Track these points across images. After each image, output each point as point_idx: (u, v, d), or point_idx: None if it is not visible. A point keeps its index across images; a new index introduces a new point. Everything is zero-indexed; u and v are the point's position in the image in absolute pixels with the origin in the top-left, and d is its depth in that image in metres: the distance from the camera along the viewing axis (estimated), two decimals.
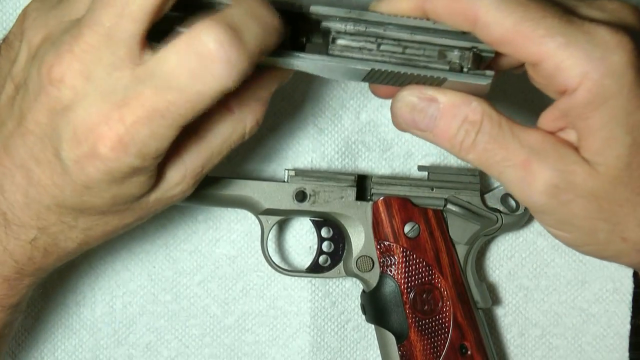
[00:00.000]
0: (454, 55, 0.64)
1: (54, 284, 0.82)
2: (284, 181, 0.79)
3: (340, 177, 0.79)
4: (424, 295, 0.78)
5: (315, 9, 0.63)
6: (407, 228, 0.78)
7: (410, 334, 0.78)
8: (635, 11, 0.64)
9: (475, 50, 0.63)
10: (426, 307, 0.78)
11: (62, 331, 0.83)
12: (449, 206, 0.79)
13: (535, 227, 0.84)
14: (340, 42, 0.64)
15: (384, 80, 0.64)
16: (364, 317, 0.81)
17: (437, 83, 0.63)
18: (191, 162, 0.63)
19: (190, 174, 0.64)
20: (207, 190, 0.78)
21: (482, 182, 0.82)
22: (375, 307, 0.79)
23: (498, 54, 0.63)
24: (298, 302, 0.83)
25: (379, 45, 0.64)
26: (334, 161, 0.82)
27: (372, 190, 0.79)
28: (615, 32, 0.60)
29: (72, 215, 0.63)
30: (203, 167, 0.64)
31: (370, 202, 0.79)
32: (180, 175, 0.63)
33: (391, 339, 0.78)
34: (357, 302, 0.83)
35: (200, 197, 0.78)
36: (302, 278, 0.83)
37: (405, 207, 0.79)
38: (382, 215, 0.78)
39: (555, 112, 0.62)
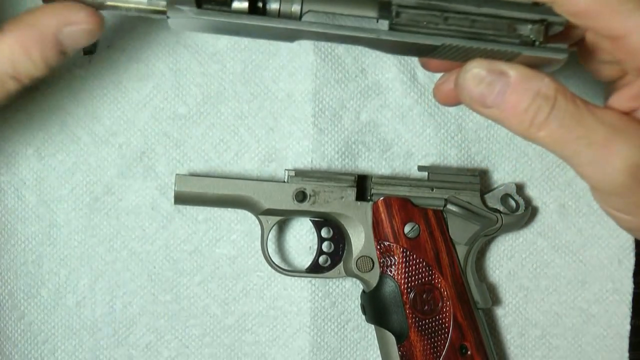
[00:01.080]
0: (525, 29, 0.61)
1: (54, 284, 0.82)
2: (284, 181, 0.79)
3: (340, 178, 0.79)
4: (424, 296, 0.78)
5: None
6: (407, 228, 0.78)
7: (410, 334, 0.78)
8: None
9: (546, 22, 0.60)
10: (426, 307, 0.78)
11: (62, 331, 0.83)
12: (449, 206, 0.79)
13: (535, 227, 0.84)
14: (404, 15, 0.61)
15: (449, 56, 0.61)
16: (364, 317, 0.81)
17: (508, 58, 0.60)
18: None
19: None
20: (207, 190, 0.78)
21: (482, 182, 0.82)
22: (375, 307, 0.79)
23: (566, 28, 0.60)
24: (298, 303, 0.83)
25: (445, 19, 0.61)
26: (334, 161, 0.82)
27: (372, 191, 0.79)
28: None
29: None
30: None
31: (370, 203, 0.79)
32: None
33: (391, 339, 0.78)
34: (357, 302, 0.83)
35: (200, 197, 0.78)
36: (302, 278, 0.83)
37: (405, 208, 0.79)
38: (382, 215, 0.78)
39: (634, 90, 0.59)
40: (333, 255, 0.81)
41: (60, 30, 0.62)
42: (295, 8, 0.62)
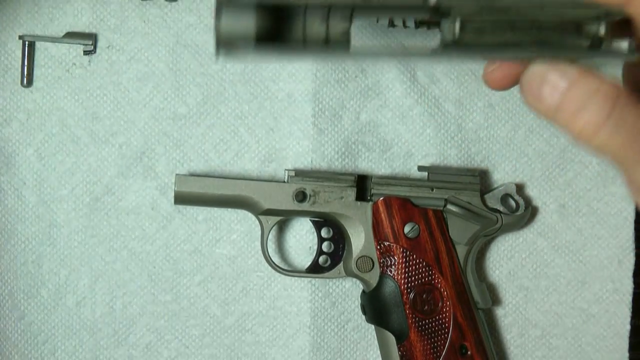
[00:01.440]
0: (591, 28, 0.58)
1: (54, 284, 0.82)
2: (284, 181, 0.79)
3: (340, 178, 0.79)
4: (424, 296, 0.78)
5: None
6: (407, 228, 0.78)
7: (410, 334, 0.78)
8: None
9: (609, 19, 0.57)
10: (426, 307, 0.78)
11: (62, 331, 0.83)
12: (449, 206, 0.79)
13: (535, 227, 0.84)
14: (469, 27, 0.57)
15: (518, 60, 0.59)
16: (364, 317, 0.81)
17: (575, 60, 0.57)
18: None
19: None
20: (207, 190, 0.78)
21: (482, 182, 0.82)
22: (375, 308, 0.79)
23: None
24: (298, 303, 0.83)
25: (511, 27, 0.58)
26: (334, 161, 0.82)
27: (372, 191, 0.79)
28: None
29: None
30: None
31: (370, 203, 0.79)
32: None
33: (391, 339, 0.78)
34: (357, 302, 0.83)
35: (200, 197, 0.78)
36: (302, 278, 0.83)
37: (405, 208, 0.79)
38: (382, 215, 0.78)
39: None
40: (333, 255, 0.81)
41: None
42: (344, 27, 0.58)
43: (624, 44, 0.57)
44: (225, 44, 0.56)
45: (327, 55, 0.59)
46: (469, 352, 0.78)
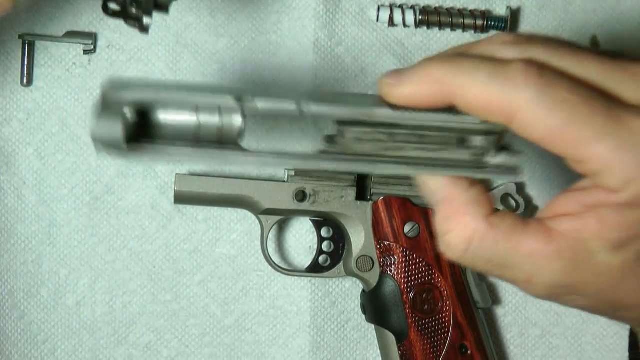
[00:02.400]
0: (477, 140, 0.57)
1: (54, 283, 0.82)
2: (284, 181, 0.79)
3: (340, 177, 0.79)
4: (424, 295, 0.78)
5: (309, 109, 0.55)
6: (407, 228, 0.78)
7: (410, 334, 0.78)
8: None
9: (498, 133, 0.56)
10: (426, 306, 0.78)
11: (62, 331, 0.83)
12: None
13: None
14: (348, 135, 0.56)
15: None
16: (364, 317, 0.81)
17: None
18: None
19: None
20: (207, 190, 0.78)
21: (482, 182, 0.81)
22: (375, 307, 0.79)
23: None
24: (298, 302, 0.83)
25: (391, 135, 0.57)
26: None
27: (372, 190, 0.79)
28: None
29: None
30: None
31: (370, 202, 0.79)
32: None
33: (391, 338, 0.78)
34: (357, 302, 0.83)
35: (200, 197, 0.78)
36: (302, 278, 0.83)
37: (405, 207, 0.79)
38: (382, 214, 0.78)
39: (587, 198, 0.55)
40: (333, 254, 0.81)
41: None
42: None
43: (509, 164, 0.57)
44: (101, 146, 0.55)
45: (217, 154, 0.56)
46: (469, 352, 0.78)
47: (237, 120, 0.56)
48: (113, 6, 0.64)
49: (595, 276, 0.55)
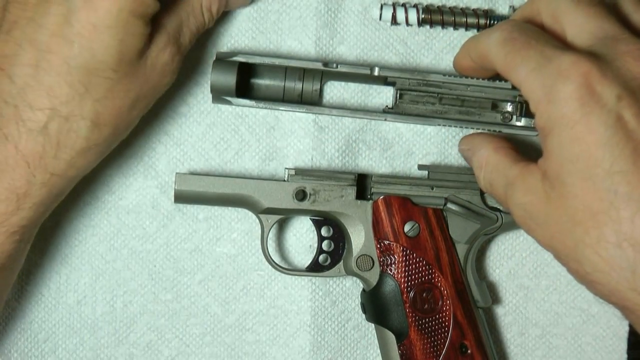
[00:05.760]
0: (505, 105, 0.78)
1: (55, 282, 0.83)
2: (284, 180, 0.79)
3: (340, 176, 0.79)
4: (424, 294, 0.78)
5: (385, 72, 0.78)
6: (407, 227, 0.78)
7: (410, 333, 0.78)
8: None
9: (519, 99, 0.77)
10: (426, 306, 0.78)
11: (63, 330, 0.83)
12: (449, 205, 0.79)
13: None
14: (406, 97, 0.78)
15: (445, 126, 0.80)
16: (364, 316, 0.81)
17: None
18: (170, 25, 0.72)
19: (172, 36, 0.72)
20: (208, 189, 0.78)
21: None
22: (375, 306, 0.79)
23: None
24: (298, 301, 0.83)
25: (440, 99, 0.78)
26: (334, 160, 0.82)
27: (372, 189, 0.79)
28: (576, 59, 0.64)
29: (83, 79, 0.68)
30: (180, 28, 0.73)
31: (371, 201, 0.79)
32: (165, 39, 0.72)
33: (391, 338, 0.78)
34: (357, 301, 0.83)
35: (200, 196, 0.78)
36: (303, 277, 0.83)
37: (405, 206, 0.79)
38: (382, 214, 0.78)
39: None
40: (333, 254, 0.81)
41: None
42: (316, 87, 0.80)
43: (525, 121, 0.78)
44: (215, 92, 0.78)
45: (301, 107, 0.79)
46: (469, 351, 0.78)
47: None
48: None
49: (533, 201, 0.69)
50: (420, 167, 0.80)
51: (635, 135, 0.63)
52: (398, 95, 0.78)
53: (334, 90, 0.82)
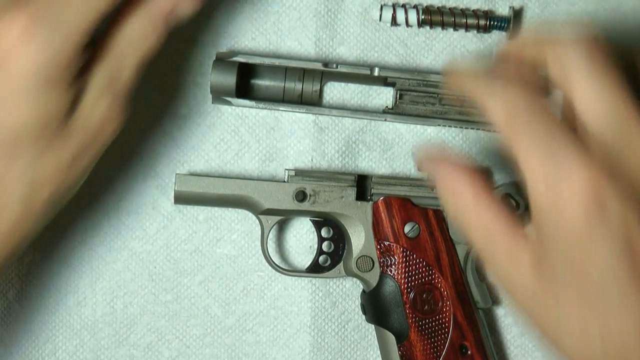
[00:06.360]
0: None
1: (55, 284, 0.83)
2: (284, 181, 0.79)
3: (340, 177, 0.79)
4: (424, 295, 0.78)
5: (385, 73, 0.78)
6: (407, 228, 0.78)
7: (410, 334, 0.78)
8: None
9: None
10: (426, 307, 0.78)
11: (63, 331, 0.83)
12: None
13: None
14: (406, 97, 0.79)
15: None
16: (364, 317, 0.81)
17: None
18: (102, 72, 0.64)
19: (107, 84, 0.65)
20: (208, 190, 0.78)
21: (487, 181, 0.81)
22: (375, 307, 0.79)
23: None
24: (298, 302, 0.83)
25: (440, 100, 0.78)
26: (334, 160, 0.82)
27: (372, 190, 0.79)
28: (589, 162, 0.57)
29: (5, 149, 0.62)
30: (117, 69, 0.65)
31: (371, 202, 0.79)
32: (97, 91, 0.64)
33: (391, 339, 0.78)
34: (358, 302, 0.83)
35: (200, 197, 0.78)
36: (303, 278, 0.83)
37: (406, 207, 0.79)
38: (382, 215, 0.78)
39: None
40: (333, 255, 0.81)
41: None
42: (316, 87, 0.80)
43: None
44: (214, 92, 0.78)
45: (301, 108, 0.79)
46: (469, 352, 0.78)
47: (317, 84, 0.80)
48: None
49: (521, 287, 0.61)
50: None
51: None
52: (398, 96, 0.79)
53: (334, 91, 0.82)
